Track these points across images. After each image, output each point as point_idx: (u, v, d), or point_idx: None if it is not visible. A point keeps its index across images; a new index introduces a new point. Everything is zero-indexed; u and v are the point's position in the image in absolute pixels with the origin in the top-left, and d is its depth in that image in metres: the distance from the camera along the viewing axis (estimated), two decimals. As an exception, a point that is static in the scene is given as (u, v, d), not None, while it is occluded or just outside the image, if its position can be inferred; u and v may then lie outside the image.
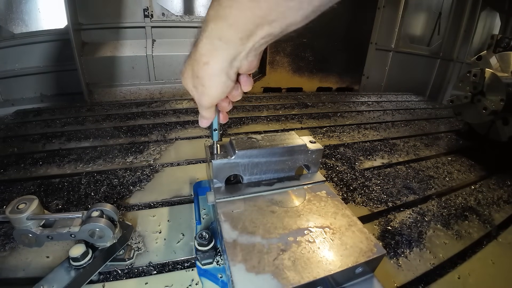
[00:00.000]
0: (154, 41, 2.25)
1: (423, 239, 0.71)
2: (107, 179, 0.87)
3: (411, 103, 2.11)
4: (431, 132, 1.47)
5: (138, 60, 2.19)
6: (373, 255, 0.47)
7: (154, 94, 2.26)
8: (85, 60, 2.02)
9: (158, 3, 2.18)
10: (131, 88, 2.24)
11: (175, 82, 2.34)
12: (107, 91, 2.16)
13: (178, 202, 0.78)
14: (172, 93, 2.29)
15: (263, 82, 2.29)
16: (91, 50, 2.08)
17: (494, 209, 0.86)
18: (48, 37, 1.98)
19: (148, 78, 2.28)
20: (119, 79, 2.20)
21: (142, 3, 2.11)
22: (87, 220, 0.51)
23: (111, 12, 2.07)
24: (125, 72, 2.19)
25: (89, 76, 2.07)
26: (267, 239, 0.50)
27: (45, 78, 2.01)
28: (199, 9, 2.37)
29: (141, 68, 2.22)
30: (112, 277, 0.55)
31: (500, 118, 1.20)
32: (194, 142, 1.16)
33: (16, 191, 0.81)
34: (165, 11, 2.23)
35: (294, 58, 2.29)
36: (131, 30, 2.17)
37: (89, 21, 2.04)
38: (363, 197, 0.86)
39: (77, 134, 1.20)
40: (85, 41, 2.09)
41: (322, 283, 0.44)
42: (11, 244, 0.61)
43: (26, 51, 1.95)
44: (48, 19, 2.03)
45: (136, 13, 2.12)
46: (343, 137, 1.31)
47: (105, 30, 2.11)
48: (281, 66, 2.30)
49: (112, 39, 2.15)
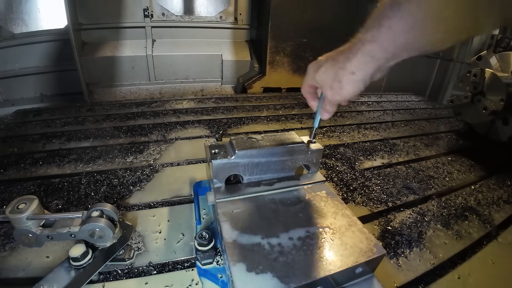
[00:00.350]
0: (154, 41, 2.25)
1: (423, 239, 0.71)
2: (107, 179, 0.87)
3: (411, 103, 2.11)
4: (431, 132, 1.47)
5: (138, 60, 2.18)
6: (373, 255, 0.47)
7: (154, 94, 2.26)
8: (85, 60, 2.02)
9: (158, 3, 2.18)
10: (131, 88, 2.24)
11: (175, 82, 2.34)
12: (107, 91, 2.16)
13: (178, 202, 0.78)
14: (172, 93, 2.29)
15: (263, 82, 2.28)
16: (91, 50, 2.07)
17: (494, 209, 0.86)
18: (48, 37, 1.98)
19: (148, 78, 2.27)
20: (119, 79, 2.20)
21: (142, 3, 2.11)
22: (87, 220, 0.51)
23: (111, 12, 2.07)
24: (125, 72, 2.19)
25: (89, 76, 2.07)
26: (267, 239, 0.50)
27: (45, 78, 2.01)
28: (199, 9, 2.37)
29: (141, 68, 2.22)
30: (112, 277, 0.55)
31: (500, 118, 1.20)
32: (194, 142, 1.16)
33: (16, 191, 0.81)
34: (165, 11, 2.22)
35: (294, 58, 2.27)
36: (131, 30, 2.17)
37: (89, 21, 2.04)
38: (363, 197, 0.86)
39: (77, 134, 1.20)
40: (85, 41, 2.09)
41: (322, 283, 0.44)
42: (11, 244, 0.61)
43: (26, 51, 1.95)
44: (48, 19, 2.03)
45: (136, 13, 2.12)
46: (343, 137, 1.31)
47: (105, 30, 2.11)
48: (281, 66, 2.28)
49: (112, 39, 2.15)
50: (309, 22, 2.14)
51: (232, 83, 2.49)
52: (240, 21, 2.44)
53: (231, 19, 2.42)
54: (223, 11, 2.38)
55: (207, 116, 1.45)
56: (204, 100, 1.76)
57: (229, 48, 2.44)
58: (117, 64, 2.14)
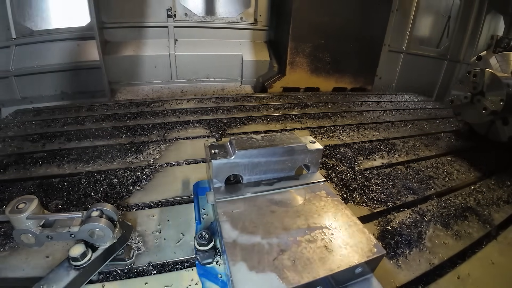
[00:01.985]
0: (176, 41, 2.29)
1: (423, 239, 0.71)
2: (107, 179, 0.87)
3: (411, 103, 2.11)
4: (431, 132, 1.47)
5: (160, 59, 2.23)
6: (373, 255, 0.47)
7: (176, 93, 2.29)
8: (108, 59, 2.03)
9: (181, 3, 2.22)
10: (153, 87, 2.28)
11: (196, 81, 2.39)
12: (129, 89, 2.20)
13: (178, 202, 0.78)
14: (193, 92, 2.32)
15: (283, 82, 2.35)
16: (113, 49, 2.11)
17: (493, 209, 0.86)
18: (68, 35, 1.99)
19: (170, 77, 2.32)
20: (141, 77, 2.24)
21: (165, 3, 2.14)
22: (87, 220, 0.51)
23: (134, 11, 2.10)
24: (147, 71, 2.23)
25: (111, 74, 2.09)
26: (267, 239, 0.50)
27: (66, 76, 2.00)
28: (220, 10, 2.43)
29: (163, 67, 2.26)
30: (112, 277, 0.55)
31: (500, 118, 1.20)
32: (194, 142, 1.16)
33: (16, 191, 0.81)
34: (187, 11, 2.27)
35: (312, 59, 2.35)
36: (153, 29, 2.21)
37: (112, 20, 2.07)
38: (363, 197, 0.86)
39: (76, 134, 1.20)
40: (107, 39, 2.11)
41: (322, 283, 0.44)
42: (11, 244, 0.61)
43: (46, 48, 1.95)
44: (69, 17, 2.03)
45: (159, 13, 2.16)
46: (343, 137, 1.31)
47: (127, 29, 2.15)
48: (300, 67, 2.35)
49: (134, 38, 2.19)
50: (327, 24, 2.24)
51: (251, 83, 2.55)
52: (259, 22, 2.52)
53: (251, 20, 2.50)
54: (243, 12, 2.46)
55: (207, 116, 1.45)
56: (204, 100, 1.76)
57: (248, 48, 2.51)
58: (140, 63, 2.18)
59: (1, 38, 1.84)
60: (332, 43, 2.33)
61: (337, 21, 2.24)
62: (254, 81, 2.52)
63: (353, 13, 2.25)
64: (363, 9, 2.27)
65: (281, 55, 2.40)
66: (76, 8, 2.01)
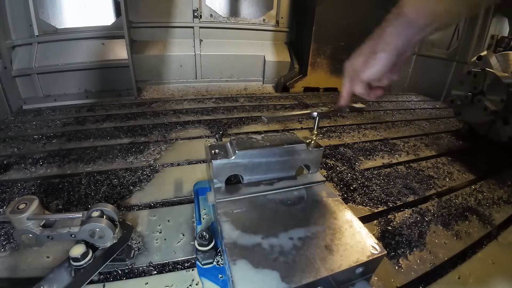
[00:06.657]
0: (201, 41, 2.33)
1: (423, 239, 0.71)
2: (107, 179, 0.87)
3: (411, 103, 2.11)
4: (431, 132, 1.47)
5: (186, 59, 2.28)
6: (373, 255, 0.47)
7: (201, 92, 2.35)
8: (135, 58, 2.05)
9: (207, 4, 2.28)
10: (179, 86, 2.33)
11: (220, 80, 2.46)
12: (155, 88, 2.23)
13: (178, 202, 0.78)
14: (218, 91, 2.38)
15: (304, 82, 2.41)
16: (140, 48, 2.14)
17: (494, 209, 0.86)
18: (94, 34, 2.00)
19: (195, 77, 2.37)
20: (167, 76, 2.28)
21: (192, 4, 2.19)
22: (88, 220, 0.51)
23: (161, 12, 2.14)
24: (173, 70, 2.28)
25: (137, 73, 2.12)
26: (267, 239, 0.50)
27: (90, 74, 2.00)
28: (244, 11, 2.50)
29: (189, 66, 2.31)
30: (112, 277, 0.55)
31: (501, 118, 1.20)
32: (194, 142, 1.16)
33: (17, 191, 0.81)
34: (213, 12, 2.32)
35: (332, 60, 2.41)
36: (180, 29, 2.25)
37: (139, 20, 2.11)
38: (363, 197, 0.86)
39: (77, 134, 1.20)
40: (134, 39, 2.15)
41: (322, 283, 0.44)
42: (11, 244, 0.61)
43: (69, 46, 1.95)
44: (93, 16, 2.05)
45: (186, 13, 2.21)
46: (343, 137, 1.31)
47: (154, 29, 2.19)
48: (320, 68, 2.41)
49: (161, 37, 2.23)
50: (347, 26, 2.31)
51: (272, 83, 2.61)
52: (281, 24, 2.59)
53: (273, 22, 2.57)
54: (266, 14, 2.53)
55: (207, 116, 1.45)
56: (204, 100, 1.76)
57: (270, 49, 2.58)
58: (166, 62, 2.22)
59: (24, 35, 1.84)
60: (350, 44, 2.37)
61: (355, 23, 2.31)
62: (275, 81, 2.60)
63: (370, 16, 2.32)
64: (380, 12, 2.30)
65: (302, 56, 2.47)
66: (101, 8, 2.04)
